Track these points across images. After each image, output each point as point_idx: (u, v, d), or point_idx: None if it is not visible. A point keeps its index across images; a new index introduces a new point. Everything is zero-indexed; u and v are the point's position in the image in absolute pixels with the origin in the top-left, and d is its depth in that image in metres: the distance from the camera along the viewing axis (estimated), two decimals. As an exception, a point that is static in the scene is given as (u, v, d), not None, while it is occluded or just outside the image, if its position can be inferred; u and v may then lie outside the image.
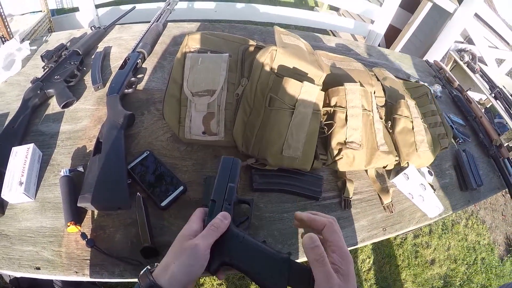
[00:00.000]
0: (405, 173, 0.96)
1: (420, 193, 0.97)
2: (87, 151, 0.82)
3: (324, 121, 0.87)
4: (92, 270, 0.65)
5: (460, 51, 2.62)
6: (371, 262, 1.80)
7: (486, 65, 2.88)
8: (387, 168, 0.99)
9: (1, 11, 1.35)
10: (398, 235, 1.95)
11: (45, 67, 0.99)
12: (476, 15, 2.53)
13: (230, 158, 0.63)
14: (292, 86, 0.77)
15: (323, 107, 0.85)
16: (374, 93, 1.00)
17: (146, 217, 0.68)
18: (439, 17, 2.67)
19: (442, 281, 1.93)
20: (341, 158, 0.86)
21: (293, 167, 0.80)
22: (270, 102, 0.78)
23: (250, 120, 0.81)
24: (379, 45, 2.70)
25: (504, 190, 1.26)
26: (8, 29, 1.44)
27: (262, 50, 0.83)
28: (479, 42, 2.78)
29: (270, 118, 0.77)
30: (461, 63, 2.54)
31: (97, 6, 1.82)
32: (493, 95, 2.31)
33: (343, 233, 0.80)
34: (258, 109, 0.80)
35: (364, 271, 1.74)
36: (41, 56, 1.01)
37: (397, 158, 0.98)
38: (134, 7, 1.30)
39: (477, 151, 1.31)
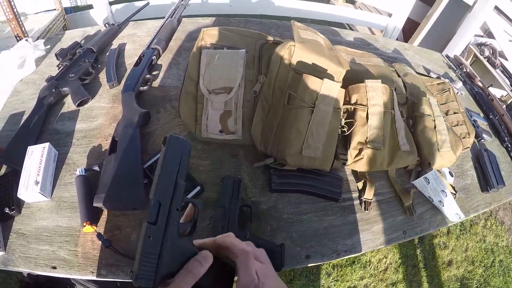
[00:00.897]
0: (426, 177, 0.92)
1: (440, 199, 0.93)
2: (103, 149, 0.81)
3: (344, 120, 0.84)
4: (108, 270, 0.65)
5: (480, 45, 2.53)
6: (388, 262, 1.77)
7: (507, 59, 2.78)
8: (408, 169, 0.96)
9: (15, 10, 1.37)
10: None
11: (60, 65, 1.00)
12: (496, 7, 2.45)
13: (182, 140, 0.48)
14: (312, 83, 0.74)
15: (343, 105, 0.82)
16: (395, 90, 0.97)
17: (162, 217, 0.67)
18: (458, 10, 2.59)
19: (459, 283, 1.88)
20: (362, 158, 0.83)
21: (312, 167, 0.78)
22: (289, 99, 0.76)
23: (268, 118, 0.78)
24: (397, 39, 2.64)
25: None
26: (23, 28, 1.45)
27: (280, 46, 0.80)
28: (499, 36, 2.68)
29: (290, 117, 0.75)
30: (481, 57, 2.45)
31: (111, 3, 1.83)
32: (515, 91, 2.23)
33: (362, 236, 0.80)
34: (276, 107, 0.78)
35: (380, 271, 1.72)
36: (56, 54, 1.01)
37: (419, 158, 0.95)
38: (148, 3, 1.29)
39: (499, 151, 1.26)
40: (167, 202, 0.45)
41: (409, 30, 2.76)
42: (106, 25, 1.15)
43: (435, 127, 0.97)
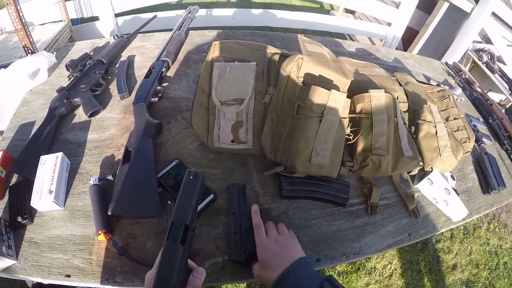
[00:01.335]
0: (429, 178, 0.95)
1: (445, 198, 0.96)
2: (116, 159, 0.83)
3: (350, 128, 0.87)
4: (124, 278, 0.65)
5: (478, 51, 2.57)
6: (393, 267, 1.77)
7: (505, 64, 2.82)
8: (411, 173, 0.99)
9: (24, 21, 1.39)
10: (419, 240, 1.93)
11: (70, 76, 1.01)
12: (494, 13, 2.49)
13: (198, 172, 0.57)
14: (320, 94, 0.77)
15: (348, 114, 0.85)
16: (397, 98, 1.00)
17: (176, 225, 0.69)
18: (456, 17, 2.63)
19: (464, 287, 1.89)
20: (367, 164, 0.85)
21: (320, 174, 0.80)
22: (298, 110, 0.78)
23: (277, 128, 0.81)
24: (396, 48, 2.68)
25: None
26: (31, 39, 1.48)
27: (288, 59, 0.83)
28: (497, 41, 2.72)
29: (299, 126, 0.77)
30: (479, 63, 2.49)
31: (117, 15, 1.86)
32: (513, 95, 2.27)
33: (369, 239, 0.82)
34: (285, 117, 0.80)
35: (385, 277, 1.72)
36: (66, 65, 1.02)
37: (421, 163, 0.97)
38: (155, 16, 1.31)
39: (499, 154, 1.28)
40: (191, 227, 0.52)
41: (408, 39, 2.80)
42: (115, 37, 1.17)
43: (436, 133, 0.99)
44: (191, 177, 0.55)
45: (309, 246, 0.75)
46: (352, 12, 3.57)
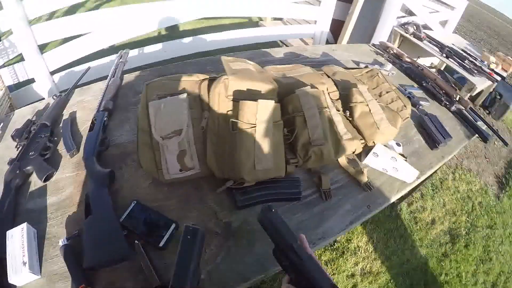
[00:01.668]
0: (374, 152, 1.04)
1: (393, 165, 1.05)
2: (78, 216, 0.84)
3: (286, 128, 0.94)
4: (112, 324, 0.68)
5: (404, 25, 2.79)
6: (375, 241, 1.86)
7: (432, 29, 3.05)
8: (356, 152, 1.08)
9: (-40, 98, 1.35)
10: (392, 209, 2.04)
11: (18, 146, 1.00)
12: (410, -13, 2.70)
13: (196, 229, 0.53)
14: (249, 107, 0.84)
15: (282, 116, 0.92)
16: (327, 90, 1.09)
17: (149, 260, 0.73)
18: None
19: (448, 235, 2.01)
20: (310, 157, 0.93)
21: (269, 177, 0.87)
22: (233, 126, 0.85)
23: (219, 147, 0.87)
24: (327, 41, 2.83)
25: (475, 137, 1.37)
26: (-28, 117, 1.44)
27: (215, 82, 0.90)
28: (419, 11, 2.95)
29: (236, 140, 0.84)
30: (407, 35, 2.70)
31: (52, 73, 1.84)
32: (444, 55, 2.47)
33: (331, 222, 0.89)
34: (223, 136, 0.86)
35: (371, 252, 1.80)
36: (12, 136, 1.02)
37: (363, 141, 1.07)
38: (89, 68, 1.34)
39: (440, 111, 1.41)
40: None
41: (337, 31, 2.96)
42: (54, 97, 1.16)
43: (370, 110, 1.10)
44: (189, 237, 0.52)
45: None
46: (280, 18, 3.71)
